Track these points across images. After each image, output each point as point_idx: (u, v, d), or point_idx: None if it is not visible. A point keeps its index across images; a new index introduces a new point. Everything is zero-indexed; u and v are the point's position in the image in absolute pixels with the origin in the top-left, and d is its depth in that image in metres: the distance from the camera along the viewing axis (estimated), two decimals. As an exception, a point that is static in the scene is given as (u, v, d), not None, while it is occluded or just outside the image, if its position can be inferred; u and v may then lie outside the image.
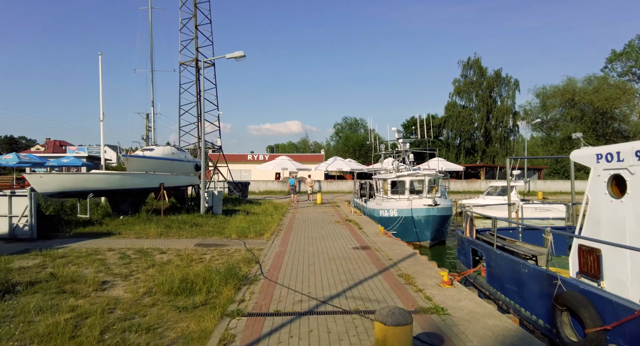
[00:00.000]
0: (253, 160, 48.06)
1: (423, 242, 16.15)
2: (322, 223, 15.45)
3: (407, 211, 15.87)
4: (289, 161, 39.29)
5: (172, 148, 19.30)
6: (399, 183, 17.49)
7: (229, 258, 9.05)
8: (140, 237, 11.79)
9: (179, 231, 12.86)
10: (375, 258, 9.02)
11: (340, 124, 78.07)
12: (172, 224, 13.86)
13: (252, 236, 12.18)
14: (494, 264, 6.91)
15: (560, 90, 51.01)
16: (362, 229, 13.62)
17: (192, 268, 7.90)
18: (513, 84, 56.85)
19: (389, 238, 11.83)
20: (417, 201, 15.88)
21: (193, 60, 26.10)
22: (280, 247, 10.43)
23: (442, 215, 15.73)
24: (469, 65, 59.06)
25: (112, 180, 14.04)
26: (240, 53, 16.42)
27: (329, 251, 9.84)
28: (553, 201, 30.36)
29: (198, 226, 14.11)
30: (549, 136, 55.38)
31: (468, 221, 8.99)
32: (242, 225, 13.76)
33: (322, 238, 11.81)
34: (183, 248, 10.29)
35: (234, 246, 10.69)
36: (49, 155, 57.08)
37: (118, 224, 13.57)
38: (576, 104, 49.99)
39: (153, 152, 18.18)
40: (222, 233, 12.60)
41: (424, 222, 15.66)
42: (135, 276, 7.45)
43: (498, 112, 57.16)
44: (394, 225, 16.04)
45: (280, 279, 7.21)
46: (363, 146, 61.79)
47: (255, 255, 9.35)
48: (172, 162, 18.52)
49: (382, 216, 17.19)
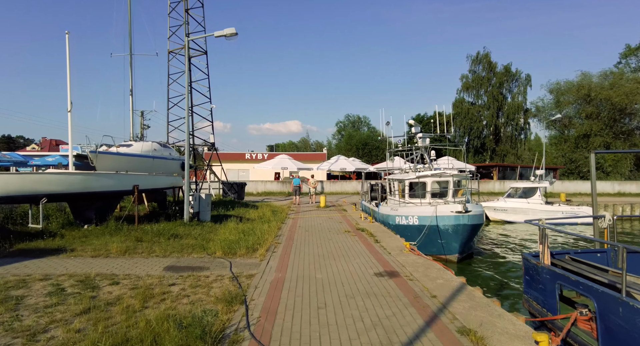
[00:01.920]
0: (251, 159, 45.42)
1: (449, 256, 13.53)
2: (329, 233, 12.83)
3: (430, 219, 13.23)
4: (289, 160, 36.64)
5: (154, 144, 16.69)
6: (419, 185, 14.85)
7: (204, 293, 6.43)
8: (97, 255, 9.15)
9: (150, 245, 10.24)
10: (411, 293, 6.39)
11: (343, 122, 75.40)
12: (145, 236, 11.24)
13: (243, 252, 9.55)
14: (623, 320, 4.28)
15: (576, 85, 48.28)
16: (380, 243, 10.99)
17: (146, 314, 5.31)
18: (524, 80, 54.23)
19: (418, 256, 9.19)
20: (443, 206, 13.24)
21: (183, 47, 23.41)
22: (278, 272, 7.80)
23: (474, 224, 13.11)
24: (478, 60, 56.41)
25: (72, 182, 11.41)
26: (231, 30, 13.80)
27: (344, 279, 7.21)
28: (578, 204, 27.75)
29: (178, 238, 11.49)
30: (563, 134, 52.66)
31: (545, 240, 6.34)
32: (231, 237, 11.14)
33: (332, 256, 9.18)
34: (147, 273, 7.67)
35: (216, 269, 8.07)
36: (42, 154, 54.40)
37: (77, 237, 10.94)
38: (592, 100, 47.28)
39: (130, 148, 15.59)
40: (205, 249, 9.98)
41: (451, 232, 13.04)
42: (51, 333, 4.82)
43: (508, 109, 54.51)
44: (419, 237, 13.41)
45: (275, 339, 4.59)
46: (367, 145, 59.12)
47: (243, 287, 6.72)
48: (153, 160, 15.92)
49: (398, 224, 14.57)
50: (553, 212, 24.27)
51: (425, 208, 13.68)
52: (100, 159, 13.52)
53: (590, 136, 48.29)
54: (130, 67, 17.29)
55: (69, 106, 13.92)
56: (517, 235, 20.51)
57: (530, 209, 24.40)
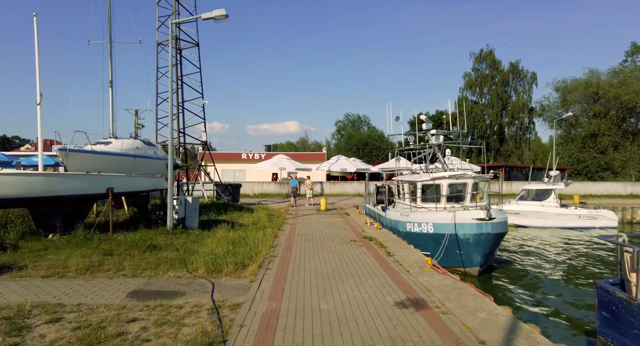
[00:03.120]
0: (248, 159, 43.70)
1: (469, 269, 11.88)
2: (333, 242, 11.18)
3: (448, 227, 11.59)
4: (287, 160, 34.90)
5: (137, 141, 14.99)
6: (434, 188, 13.20)
7: (171, 336, 4.76)
8: (50, 275, 7.46)
9: (121, 260, 8.57)
10: (449, 336, 4.72)
11: (342, 121, 73.62)
12: (117, 248, 9.56)
13: (230, 270, 7.88)
14: None
15: (583, 83, 46.78)
16: (394, 256, 9.33)
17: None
18: (530, 78, 52.72)
19: (444, 276, 7.54)
20: (462, 213, 11.59)
21: (172, 38, 21.71)
22: (271, 300, 6.14)
23: (498, 233, 11.47)
24: (482, 57, 54.95)
25: (32, 184, 9.70)
26: (221, 12, 12.18)
27: (358, 313, 5.55)
28: (594, 206, 26.16)
29: (156, 249, 9.82)
30: (569, 134, 51.14)
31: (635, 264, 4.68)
32: (218, 250, 9.46)
33: (339, 276, 7.53)
34: (105, 302, 6.00)
35: (193, 295, 6.40)
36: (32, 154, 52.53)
37: (34, 250, 9.25)
38: (600, 98, 45.81)
39: (109, 146, 13.90)
40: (185, 264, 8.33)
41: (472, 242, 11.39)
42: None
43: (513, 108, 53.03)
44: (433, 246, 11.79)
45: None
46: (367, 144, 57.52)
47: (224, 327, 5.06)
48: (134, 160, 14.22)
49: (409, 232, 12.93)
50: (570, 216, 22.68)
51: (442, 214, 12.03)
52: (72, 158, 11.84)
53: (598, 135, 46.84)
54: (110, 56, 15.58)
55: (38, 98, 12.24)
56: (534, 240, 18.90)
57: (544, 212, 22.80)
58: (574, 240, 18.92)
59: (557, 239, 19.29)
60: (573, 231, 21.71)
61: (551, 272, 13.03)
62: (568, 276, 12.52)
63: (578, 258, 15.17)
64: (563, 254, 15.69)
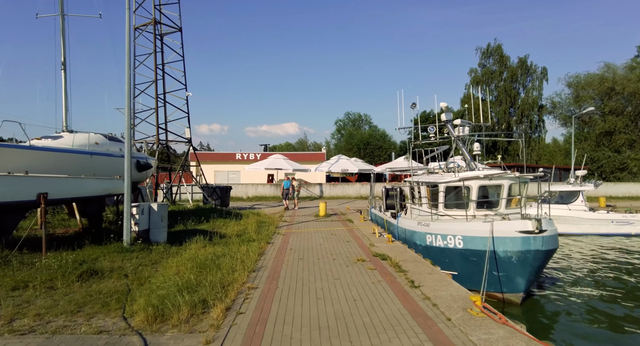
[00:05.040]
0: (242, 159, 41.05)
1: (509, 294, 9.25)
2: (334, 263, 8.57)
3: (483, 241, 8.97)
4: (284, 161, 32.27)
5: (96, 136, 12.36)
6: (460, 190, 10.57)
7: None
8: None
9: (33, 297, 5.97)
10: None
11: (343, 120, 70.85)
12: (38, 275, 6.96)
13: (183, 316, 5.28)
14: None
15: (598, 78, 44.20)
16: (420, 288, 6.71)
17: None
18: (540, 74, 50.20)
19: (508, 330, 4.90)
20: (502, 223, 8.96)
21: (150, 23, 19.18)
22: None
23: (549, 250, 8.84)
24: (489, 52, 52.46)
25: None
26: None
27: None
28: (626, 209, 23.52)
29: (94, 277, 7.21)
30: (582, 132, 48.51)
31: None
32: (177, 280, 6.81)
33: (345, 332, 4.91)
34: None
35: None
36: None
37: None
38: (617, 94, 43.23)
39: (57, 141, 11.30)
40: (125, 302, 5.72)
41: (516, 261, 8.76)
42: None
43: (522, 105, 50.52)
44: (468, 267, 9.20)
45: None
46: (369, 144, 54.91)
47: None
48: (90, 158, 11.60)
49: (430, 245, 10.33)
50: (601, 221, 20.06)
51: (475, 225, 9.40)
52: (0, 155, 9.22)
53: (614, 133, 44.25)
54: (62, 33, 12.89)
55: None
56: (570, 250, 16.26)
57: (573, 217, 20.16)
58: (618, 250, 16.26)
59: (596, 248, 16.64)
60: (606, 238, 19.11)
61: (607, 294, 10.39)
62: (631, 298, 9.88)
63: (634, 273, 12.53)
64: (613, 269, 13.05)
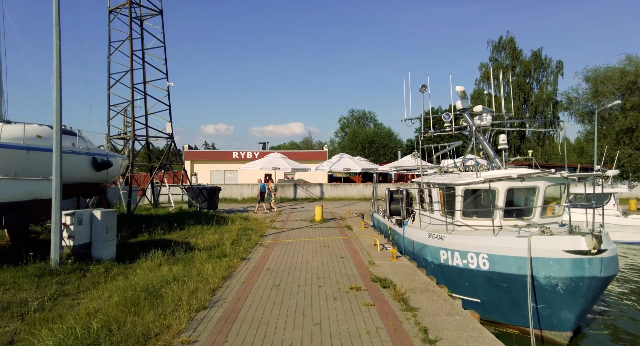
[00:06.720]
0: (240, 158, 38.90)
1: (553, 333, 6.97)
2: (318, 293, 6.37)
3: (514, 262, 6.72)
4: (282, 160, 30.01)
5: (37, 128, 10.28)
6: (483, 194, 8.30)
7: None
8: None
9: None
10: None
11: (347, 118, 68.42)
12: None
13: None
14: None
15: (619, 72, 41.43)
16: (437, 342, 4.48)
17: None
18: (555, 68, 47.46)
19: None
20: (543, 238, 6.68)
21: (126, 4, 17.09)
22: None
23: (609, 276, 6.54)
24: (501, 46, 49.76)
25: None
26: None
27: None
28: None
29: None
30: (601, 129, 45.67)
31: None
32: (78, 331, 4.66)
33: None
34: None
35: None
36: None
37: None
38: (639, 88, 40.48)
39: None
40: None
41: (564, 291, 6.49)
42: None
43: (536, 101, 47.84)
44: (496, 293, 6.96)
45: None
46: (374, 143, 52.55)
47: None
48: (26, 154, 9.51)
49: (445, 264, 8.09)
50: (636, 228, 17.64)
51: (504, 240, 7.12)
52: None
53: (636, 130, 41.45)
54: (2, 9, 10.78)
55: None
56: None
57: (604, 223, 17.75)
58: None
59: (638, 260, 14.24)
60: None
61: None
62: None
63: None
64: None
